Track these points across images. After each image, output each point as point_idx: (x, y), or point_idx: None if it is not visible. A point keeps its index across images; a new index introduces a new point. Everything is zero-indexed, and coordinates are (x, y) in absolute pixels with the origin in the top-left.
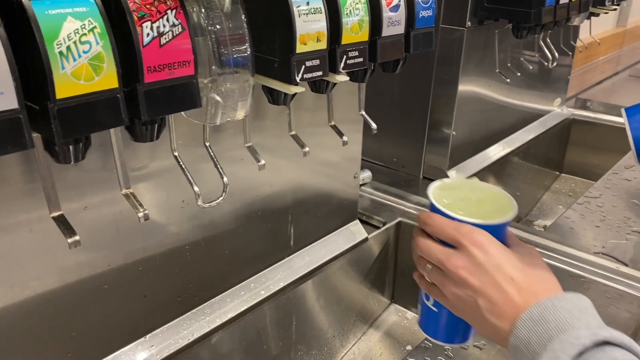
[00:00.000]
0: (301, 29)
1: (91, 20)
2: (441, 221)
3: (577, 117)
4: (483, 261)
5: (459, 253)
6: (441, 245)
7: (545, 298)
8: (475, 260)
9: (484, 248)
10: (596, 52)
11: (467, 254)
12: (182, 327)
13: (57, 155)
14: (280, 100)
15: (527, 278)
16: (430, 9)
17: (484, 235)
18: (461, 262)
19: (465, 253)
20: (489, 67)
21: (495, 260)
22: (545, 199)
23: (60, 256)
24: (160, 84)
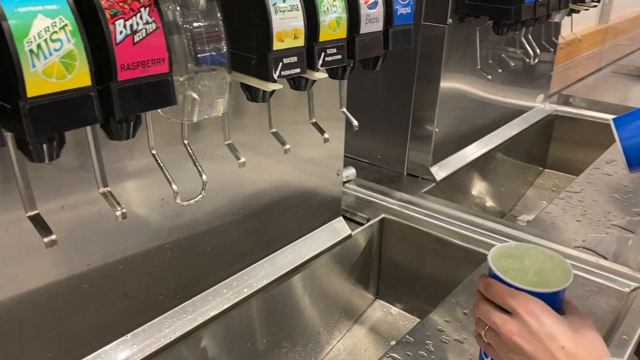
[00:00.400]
0: (278, 26)
1: (62, 18)
2: (500, 289)
3: (559, 113)
4: (536, 330)
5: (514, 320)
6: (499, 309)
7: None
8: (529, 328)
9: (538, 317)
10: (578, 48)
11: (521, 321)
12: (164, 325)
13: (30, 154)
14: (259, 97)
15: (578, 347)
16: (409, 6)
17: (538, 304)
18: (515, 329)
19: (520, 320)
20: (471, 64)
21: (548, 330)
22: (529, 194)
23: (38, 256)
24: (134, 82)
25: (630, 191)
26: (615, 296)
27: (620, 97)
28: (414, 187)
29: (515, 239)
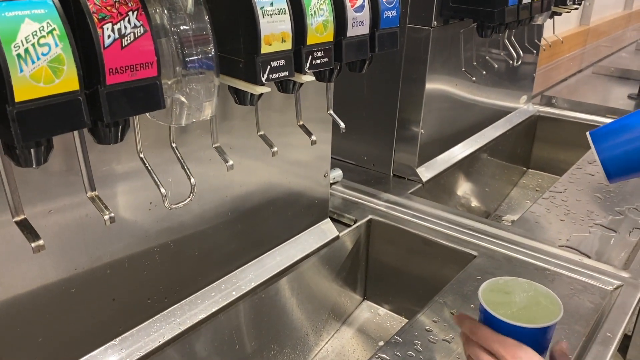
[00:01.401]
0: (266, 29)
1: (50, 22)
2: (487, 335)
3: (542, 113)
4: None
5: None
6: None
7: None
8: None
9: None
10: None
11: None
12: (153, 329)
13: (18, 159)
14: (247, 100)
15: None
16: (395, 9)
17: (525, 351)
18: None
19: None
20: (455, 65)
21: None
22: (513, 194)
23: (25, 261)
24: (122, 86)
25: (612, 191)
26: (598, 294)
27: (601, 98)
28: (401, 188)
29: (501, 239)
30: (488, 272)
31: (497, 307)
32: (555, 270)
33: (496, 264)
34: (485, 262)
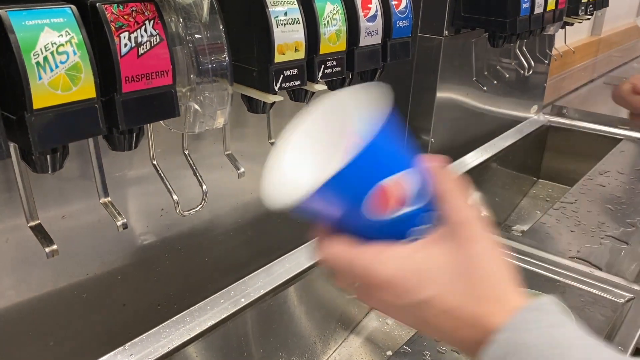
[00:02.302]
0: (279, 39)
1: (68, 31)
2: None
3: (553, 123)
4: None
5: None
6: None
7: (499, 333)
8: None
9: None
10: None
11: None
12: (162, 335)
13: (34, 165)
14: (259, 108)
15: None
16: (407, 19)
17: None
18: (382, 304)
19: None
20: (466, 75)
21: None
22: (523, 204)
23: (38, 265)
24: (138, 94)
25: (624, 202)
26: (610, 307)
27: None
28: None
29: (511, 249)
30: None
31: None
32: (566, 282)
33: None
34: None
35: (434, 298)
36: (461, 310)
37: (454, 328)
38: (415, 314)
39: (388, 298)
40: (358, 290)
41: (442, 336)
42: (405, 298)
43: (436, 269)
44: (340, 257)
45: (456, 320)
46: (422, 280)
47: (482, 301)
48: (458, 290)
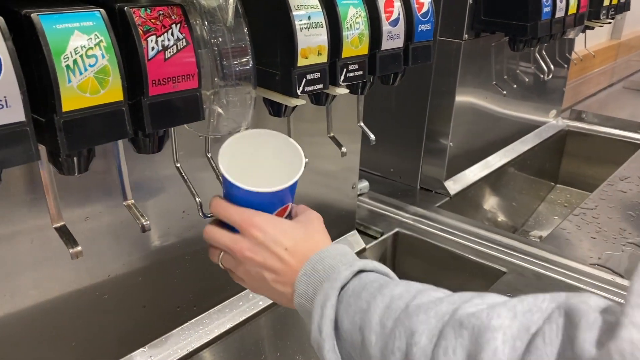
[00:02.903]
0: (303, 43)
1: (97, 35)
2: (225, 207)
3: (572, 128)
4: (262, 240)
5: (242, 237)
6: (228, 231)
7: (313, 254)
8: (256, 241)
9: (262, 228)
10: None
11: (249, 236)
12: (181, 337)
13: (61, 167)
14: (281, 112)
15: (299, 243)
16: (429, 22)
17: (262, 217)
18: (245, 245)
19: (247, 236)
20: (485, 78)
21: (272, 237)
22: (541, 209)
23: (61, 266)
24: (164, 97)
25: None
26: None
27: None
28: (428, 201)
29: (531, 256)
30: (517, 289)
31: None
32: (587, 289)
33: (526, 281)
34: (515, 279)
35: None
36: (297, 247)
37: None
38: (265, 256)
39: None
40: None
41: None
42: (266, 235)
43: (289, 225)
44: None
45: (293, 254)
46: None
47: (308, 244)
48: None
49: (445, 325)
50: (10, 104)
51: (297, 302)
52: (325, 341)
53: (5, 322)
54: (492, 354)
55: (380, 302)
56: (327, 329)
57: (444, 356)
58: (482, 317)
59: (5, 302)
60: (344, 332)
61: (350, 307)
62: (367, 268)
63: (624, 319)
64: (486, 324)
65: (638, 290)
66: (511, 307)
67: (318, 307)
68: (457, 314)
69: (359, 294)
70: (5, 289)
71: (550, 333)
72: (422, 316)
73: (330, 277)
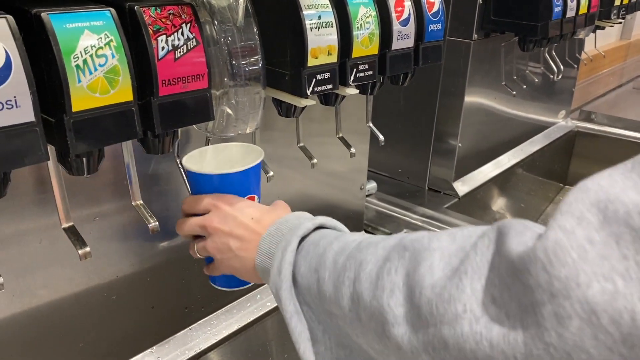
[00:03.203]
0: (313, 42)
1: (107, 34)
2: (195, 197)
3: (581, 129)
4: (230, 211)
5: (212, 212)
6: None
7: (279, 219)
8: (224, 213)
9: (231, 203)
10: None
11: (218, 210)
12: (189, 338)
13: (70, 167)
14: (291, 112)
15: (265, 214)
16: (440, 22)
17: (230, 196)
18: (214, 218)
19: (216, 210)
20: (494, 79)
21: (239, 208)
22: (550, 211)
23: (70, 266)
24: (174, 97)
25: None
26: None
27: None
28: (436, 202)
29: None
30: None
31: None
32: None
33: None
34: None
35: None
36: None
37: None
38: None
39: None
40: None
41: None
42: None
43: (258, 205)
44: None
45: (258, 222)
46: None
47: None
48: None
49: (391, 251)
50: (19, 104)
51: (258, 261)
52: (283, 282)
53: (13, 321)
54: (429, 268)
55: (335, 246)
56: (285, 271)
57: (387, 275)
58: (423, 241)
59: (13, 301)
60: (300, 277)
61: (308, 254)
62: (327, 224)
63: (552, 222)
64: (426, 245)
65: (569, 200)
66: (451, 233)
67: (279, 252)
68: (402, 241)
69: (317, 242)
70: (14, 289)
71: (482, 245)
72: (371, 249)
73: (293, 230)
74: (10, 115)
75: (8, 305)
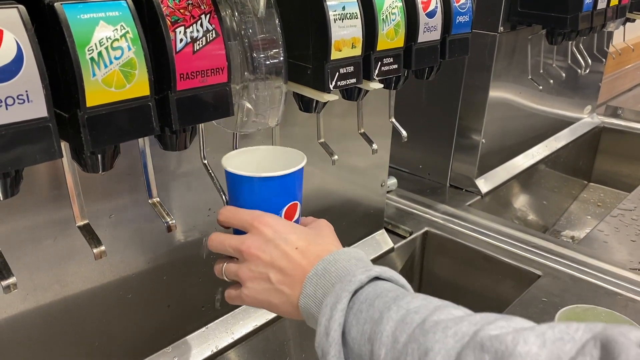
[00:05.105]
0: (336, 34)
1: (123, 25)
2: (234, 210)
3: (607, 125)
4: (272, 237)
5: (251, 235)
6: (234, 235)
7: (327, 254)
8: (265, 238)
9: (272, 226)
10: (627, 58)
11: (258, 234)
12: (206, 337)
13: (85, 164)
14: (312, 108)
15: (311, 244)
16: (467, 14)
17: (272, 216)
18: (253, 243)
19: (256, 234)
20: (520, 73)
21: (282, 235)
22: (573, 208)
23: (84, 264)
24: (192, 92)
25: None
26: None
27: None
28: (458, 200)
29: (567, 259)
30: (554, 294)
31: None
32: (628, 296)
33: (562, 286)
34: (551, 283)
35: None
36: (308, 247)
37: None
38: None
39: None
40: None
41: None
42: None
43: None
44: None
45: (303, 254)
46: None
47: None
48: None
49: (465, 347)
50: (32, 99)
51: (302, 303)
52: (332, 346)
53: (27, 319)
54: None
55: (394, 314)
56: (334, 333)
57: None
58: (506, 341)
59: (27, 299)
60: (351, 339)
61: (361, 314)
62: (383, 276)
63: None
64: (511, 349)
65: None
66: (540, 334)
67: (327, 309)
68: (478, 335)
69: (372, 301)
70: (28, 286)
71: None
72: (439, 334)
73: (343, 279)
74: (21, 110)
75: (22, 302)
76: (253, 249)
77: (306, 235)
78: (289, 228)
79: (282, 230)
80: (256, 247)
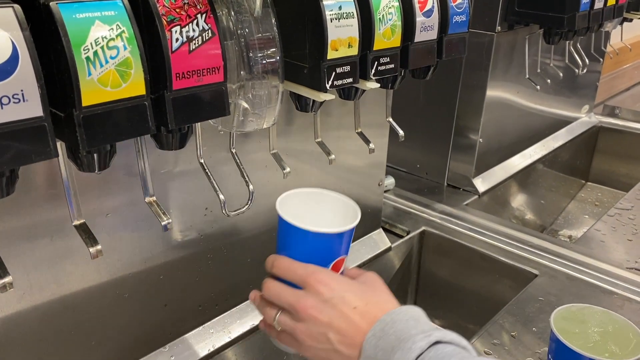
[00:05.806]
0: (333, 34)
1: (119, 25)
2: (288, 263)
3: (604, 124)
4: (329, 297)
5: (307, 293)
6: (290, 288)
7: (384, 315)
8: (322, 298)
9: (328, 284)
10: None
11: (314, 292)
12: (203, 337)
13: (81, 163)
14: (309, 107)
15: (369, 304)
16: (464, 13)
17: (326, 272)
18: (310, 302)
19: (312, 292)
20: (517, 72)
21: (339, 293)
22: (571, 208)
23: (81, 263)
24: (188, 91)
25: None
26: None
27: None
28: (455, 199)
29: (564, 258)
30: (551, 293)
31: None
32: (624, 295)
33: (559, 285)
34: (548, 282)
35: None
36: (366, 307)
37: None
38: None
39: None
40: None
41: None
42: (333, 292)
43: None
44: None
45: (362, 315)
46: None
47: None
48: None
49: None
50: (27, 98)
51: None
52: None
53: (24, 319)
54: None
55: None
56: None
57: None
58: None
59: (24, 298)
60: None
61: None
62: (444, 339)
63: None
64: None
65: None
66: None
67: None
68: None
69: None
70: (24, 285)
71: None
72: None
73: (404, 346)
74: (17, 109)
75: (18, 301)
76: (310, 309)
77: (363, 293)
78: (345, 285)
79: (339, 289)
80: (312, 306)
